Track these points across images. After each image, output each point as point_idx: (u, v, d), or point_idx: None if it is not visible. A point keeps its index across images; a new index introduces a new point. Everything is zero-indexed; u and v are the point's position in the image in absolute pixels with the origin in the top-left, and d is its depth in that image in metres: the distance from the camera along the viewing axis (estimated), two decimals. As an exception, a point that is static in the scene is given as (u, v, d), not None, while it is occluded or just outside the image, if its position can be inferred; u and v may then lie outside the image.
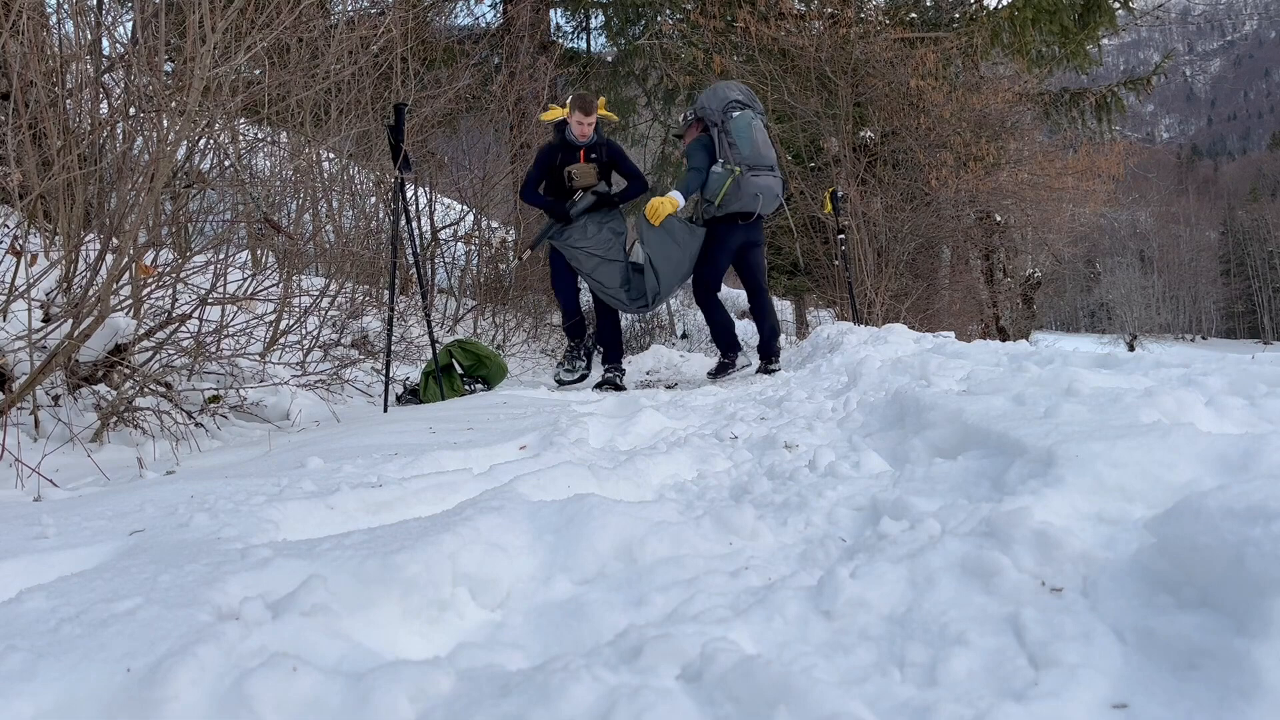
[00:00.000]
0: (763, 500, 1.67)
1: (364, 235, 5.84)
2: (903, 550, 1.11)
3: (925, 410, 2.04)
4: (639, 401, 3.39)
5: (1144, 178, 29.29)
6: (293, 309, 4.22)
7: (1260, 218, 62.48)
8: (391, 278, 4.02)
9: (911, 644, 0.89)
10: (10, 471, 2.20)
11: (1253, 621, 0.74)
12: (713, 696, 0.78)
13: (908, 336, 4.93)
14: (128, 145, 3.11)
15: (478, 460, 2.13)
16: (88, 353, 2.70)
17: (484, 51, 10.25)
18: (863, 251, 9.40)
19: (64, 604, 1.02)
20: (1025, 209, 12.88)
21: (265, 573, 1.12)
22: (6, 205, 2.95)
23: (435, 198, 8.01)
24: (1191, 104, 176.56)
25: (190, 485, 1.82)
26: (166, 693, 0.79)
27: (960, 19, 11.30)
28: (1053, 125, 13.03)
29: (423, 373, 4.48)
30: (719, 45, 10.13)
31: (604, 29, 12.16)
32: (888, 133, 10.51)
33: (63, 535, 1.44)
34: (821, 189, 9.18)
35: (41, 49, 2.95)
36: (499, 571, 1.20)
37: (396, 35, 5.34)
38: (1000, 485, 1.38)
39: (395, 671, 0.82)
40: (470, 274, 8.40)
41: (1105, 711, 0.75)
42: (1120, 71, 37.29)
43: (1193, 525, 0.86)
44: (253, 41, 2.90)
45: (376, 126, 5.51)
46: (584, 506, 1.38)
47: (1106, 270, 48.27)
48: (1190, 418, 1.59)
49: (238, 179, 4.22)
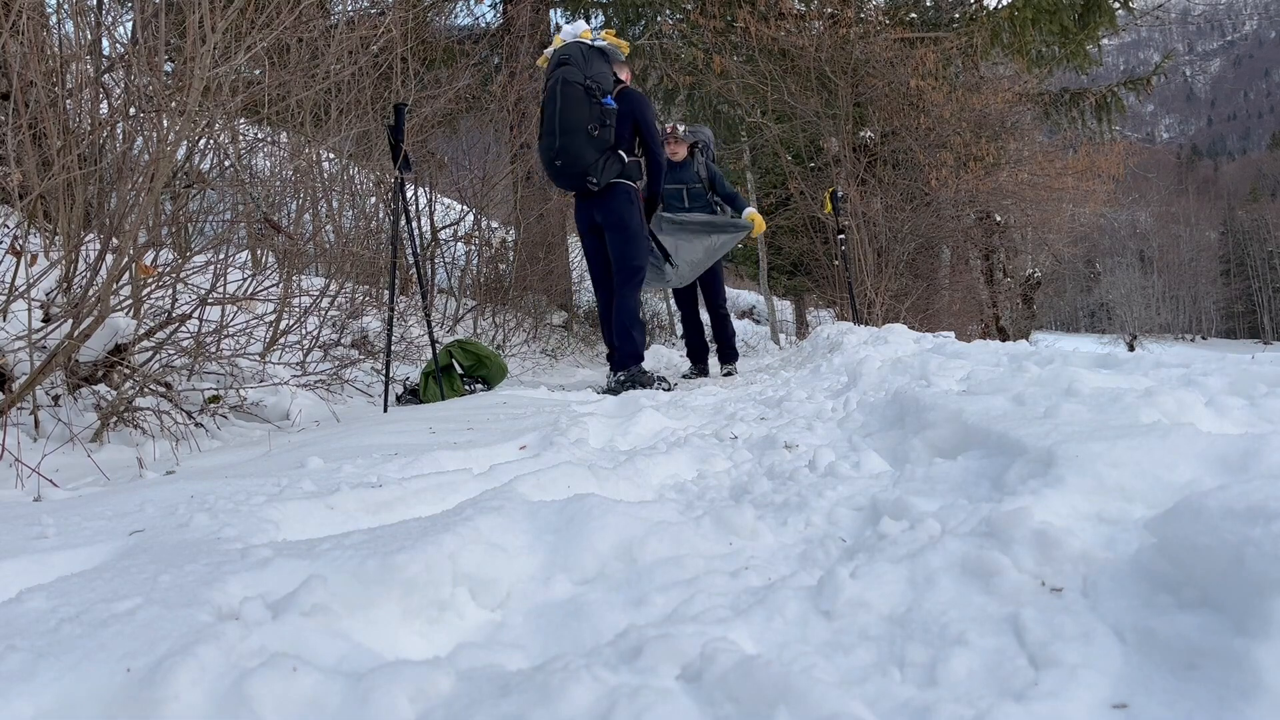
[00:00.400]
0: (763, 500, 1.67)
1: (364, 235, 5.83)
2: (903, 550, 1.11)
3: (925, 410, 2.04)
4: (639, 401, 3.39)
5: (1144, 178, 29.29)
6: (293, 309, 4.22)
7: (1260, 218, 62.45)
8: (391, 278, 4.02)
9: (911, 644, 0.89)
10: (10, 471, 2.20)
11: (1253, 621, 0.74)
12: (713, 696, 0.78)
13: (908, 336, 4.92)
14: (128, 145, 3.10)
15: (478, 460, 2.13)
16: (88, 353, 2.70)
17: (484, 51, 10.24)
18: (863, 251, 9.40)
19: (64, 604, 1.02)
20: (1025, 209, 12.89)
21: (265, 573, 1.12)
22: (6, 205, 2.95)
23: (435, 198, 8.00)
24: (1191, 104, 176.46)
25: (190, 485, 1.82)
26: (166, 693, 0.79)
27: (960, 19, 11.29)
28: (1053, 125, 13.03)
29: (422, 373, 4.48)
30: (719, 45, 10.12)
31: (604, 29, 12.15)
32: (888, 133, 10.51)
33: (63, 535, 1.44)
34: (821, 189, 9.18)
35: (41, 49, 2.95)
36: (499, 571, 1.20)
37: (396, 35, 5.34)
38: (1000, 485, 1.38)
39: (395, 671, 0.82)
40: (470, 274, 8.40)
41: (1105, 711, 0.75)
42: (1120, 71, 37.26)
43: (1193, 525, 0.86)
44: (253, 41, 2.90)
45: (376, 126, 5.50)
46: (584, 506, 1.38)
47: (1106, 270, 48.29)
48: (1190, 418, 1.59)
49: (238, 179, 4.22)
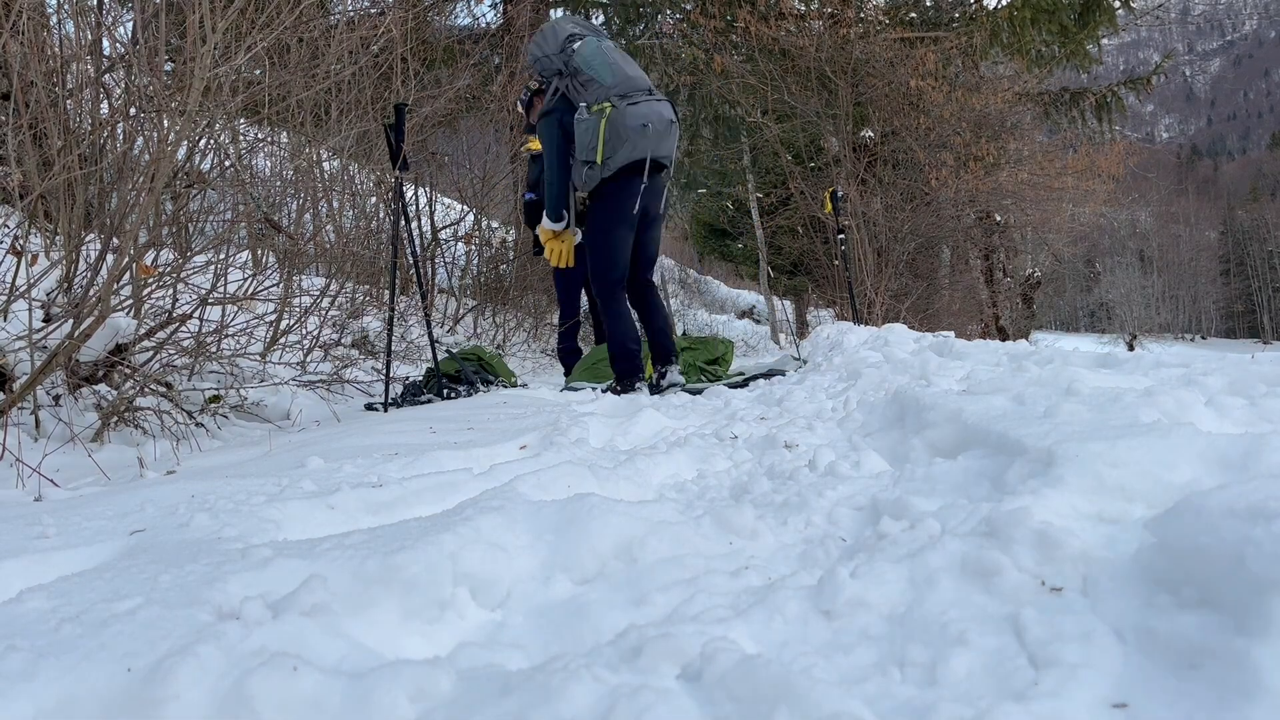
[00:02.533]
0: (763, 500, 1.67)
1: (364, 235, 5.84)
2: (903, 550, 1.11)
3: (925, 410, 2.04)
4: (639, 401, 3.39)
5: (1144, 178, 29.29)
6: (293, 309, 4.22)
7: (1260, 218, 62.45)
8: (392, 278, 4.02)
9: (911, 644, 0.89)
10: (11, 471, 2.20)
11: (1253, 621, 0.74)
12: (713, 696, 0.78)
13: (908, 336, 4.92)
14: (128, 145, 3.10)
15: (478, 460, 2.13)
16: (88, 353, 2.70)
17: (484, 51, 10.25)
18: (863, 251, 9.41)
19: (65, 604, 1.02)
20: (1025, 209, 12.89)
21: (266, 572, 1.12)
22: (7, 205, 2.95)
23: (435, 198, 8.01)
24: (1191, 104, 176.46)
25: (191, 485, 1.82)
26: (167, 692, 0.79)
27: (960, 19, 11.29)
28: (1053, 125, 13.03)
29: (425, 372, 4.48)
30: (719, 45, 10.13)
31: (604, 29, 12.17)
32: (888, 133, 10.51)
33: (63, 535, 1.44)
34: (821, 189, 9.18)
35: (42, 49, 2.95)
36: (499, 571, 1.20)
37: (396, 35, 5.34)
38: (1000, 485, 1.38)
39: (396, 671, 0.82)
40: (470, 274, 8.40)
41: (1105, 711, 0.75)
42: (1120, 71, 37.27)
43: (1193, 525, 0.86)
44: (253, 41, 2.90)
45: (377, 126, 5.51)
46: (584, 506, 1.38)
47: (1106, 270, 48.30)
48: (1190, 417, 1.59)
49: (238, 179, 4.22)
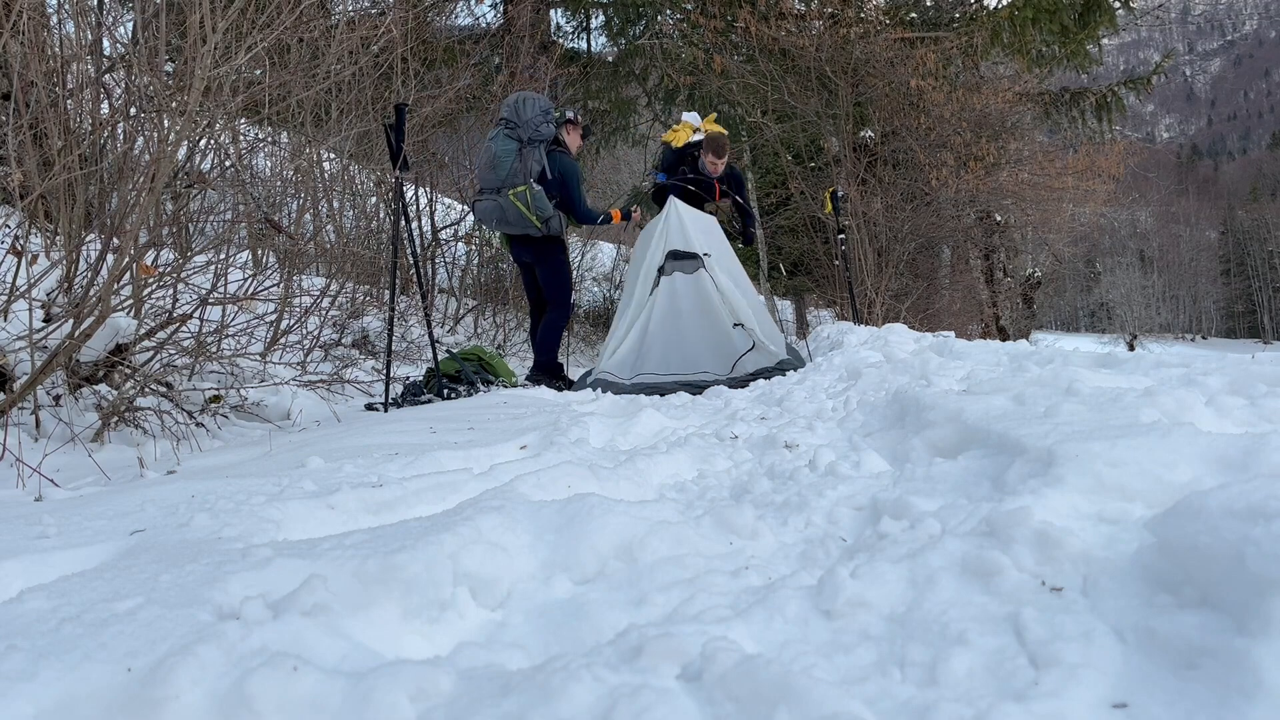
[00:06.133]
0: (763, 500, 1.67)
1: (364, 235, 5.84)
2: (903, 550, 1.11)
3: (925, 410, 2.04)
4: (639, 401, 3.39)
5: (1144, 177, 29.27)
6: (293, 309, 4.23)
7: (1260, 218, 62.42)
8: (392, 278, 4.02)
9: (912, 644, 0.89)
10: (11, 471, 2.20)
11: (1253, 621, 0.74)
12: (713, 696, 0.78)
13: (908, 336, 4.91)
14: (128, 145, 3.10)
15: (478, 460, 2.13)
16: (89, 353, 2.70)
17: (484, 51, 10.24)
18: (863, 251, 9.40)
19: (65, 604, 1.02)
20: (1025, 209, 12.89)
21: (266, 572, 1.12)
22: (7, 205, 2.95)
23: (435, 198, 8.01)
24: (1191, 104, 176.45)
25: (191, 485, 1.82)
26: (167, 692, 0.79)
27: (960, 19, 11.29)
28: (1053, 125, 13.01)
29: (425, 372, 4.48)
30: (719, 45, 10.13)
31: (604, 29, 12.16)
32: (888, 133, 10.51)
33: (64, 535, 1.44)
34: (821, 189, 9.17)
35: (42, 49, 2.95)
36: (499, 571, 1.20)
37: (396, 35, 5.34)
38: (1000, 485, 1.38)
39: (396, 671, 0.82)
40: (470, 274, 8.40)
41: (1105, 711, 0.75)
42: (1120, 71, 37.31)
43: (1193, 525, 0.86)
44: (253, 41, 2.90)
45: (377, 126, 5.51)
46: (585, 506, 1.38)
47: (1106, 270, 48.29)
48: (1190, 417, 1.59)
49: (238, 179, 4.22)
